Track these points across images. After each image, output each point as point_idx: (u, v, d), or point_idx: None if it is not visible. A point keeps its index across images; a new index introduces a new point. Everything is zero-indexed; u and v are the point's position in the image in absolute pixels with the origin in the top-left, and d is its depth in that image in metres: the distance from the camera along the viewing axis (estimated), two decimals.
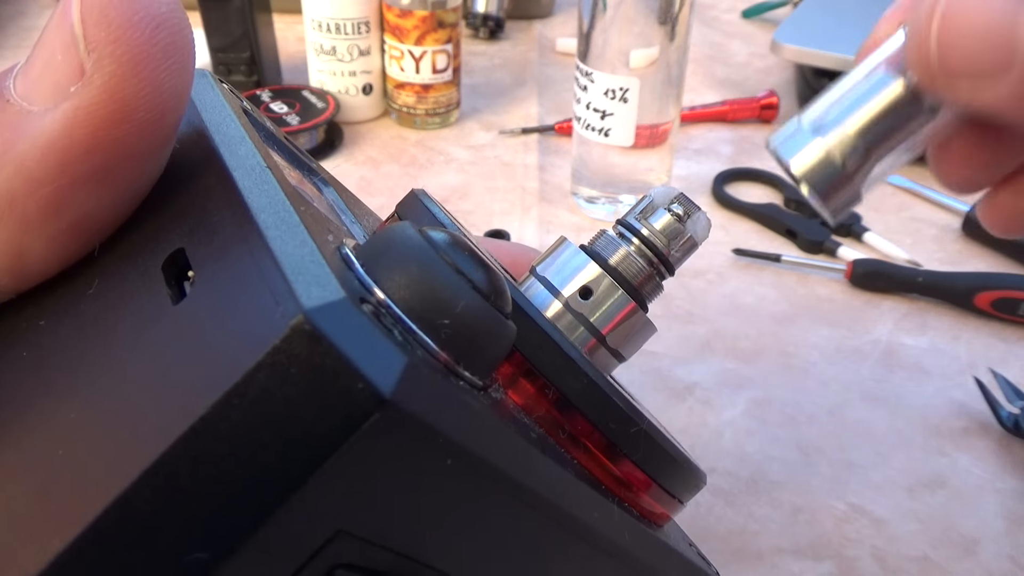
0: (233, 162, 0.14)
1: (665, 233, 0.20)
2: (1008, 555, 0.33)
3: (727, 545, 0.33)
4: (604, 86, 0.49)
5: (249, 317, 0.11)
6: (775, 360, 0.43)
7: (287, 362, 0.10)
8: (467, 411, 0.12)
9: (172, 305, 0.12)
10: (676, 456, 0.17)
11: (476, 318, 0.12)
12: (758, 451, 0.38)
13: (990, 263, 0.51)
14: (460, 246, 0.13)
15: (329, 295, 0.11)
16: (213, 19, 0.60)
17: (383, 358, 0.11)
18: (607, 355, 0.20)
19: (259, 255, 0.11)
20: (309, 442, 0.10)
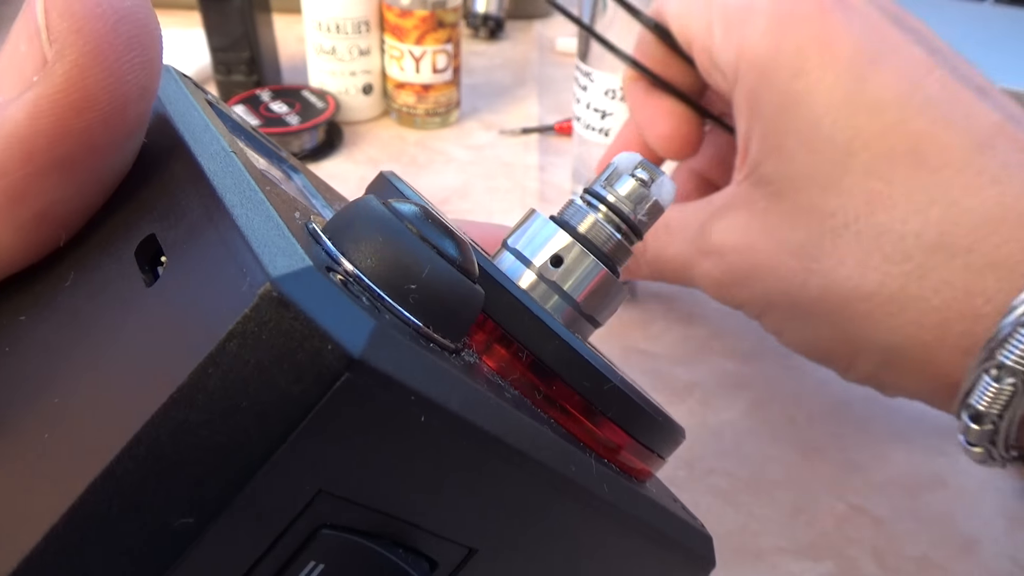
0: (198, 148, 0.14)
1: (631, 199, 0.21)
2: (1008, 555, 0.33)
3: (727, 545, 0.33)
4: (604, 86, 0.49)
5: (219, 291, 0.11)
6: (775, 360, 0.43)
7: (257, 329, 0.11)
8: (437, 368, 0.12)
9: (146, 288, 0.12)
10: (652, 412, 0.18)
11: (443, 282, 0.13)
12: (758, 451, 0.38)
13: None
14: (425, 215, 0.13)
15: (295, 264, 0.11)
16: (213, 19, 0.60)
17: (351, 321, 0.11)
18: (583, 321, 0.21)
19: (225, 232, 0.12)
20: (283, 405, 0.11)
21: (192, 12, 0.70)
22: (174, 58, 0.69)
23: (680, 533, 0.20)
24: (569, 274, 0.20)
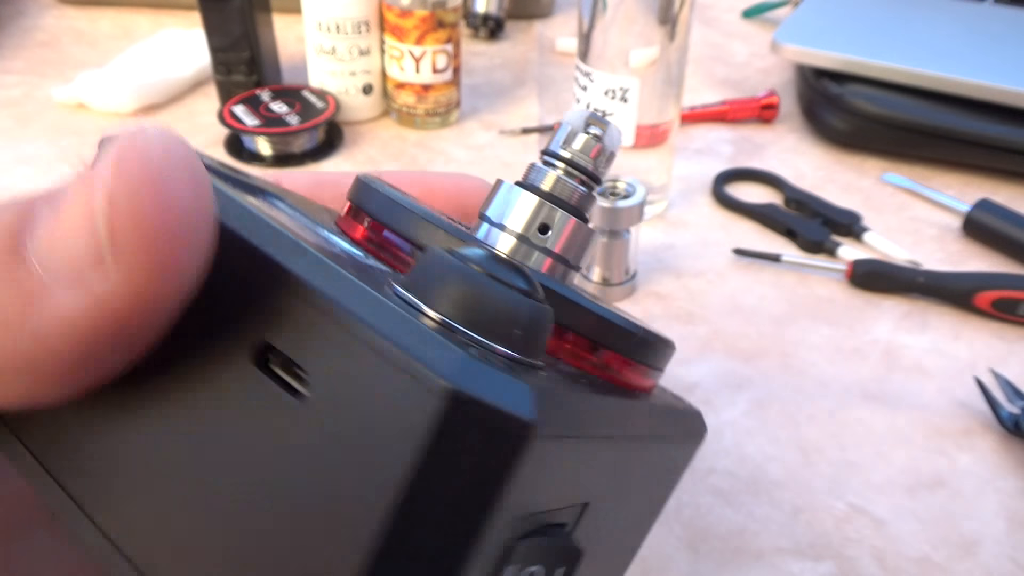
0: (270, 248, 0.14)
1: (586, 151, 0.23)
2: (1008, 555, 0.33)
3: (727, 545, 0.33)
4: (604, 86, 0.49)
5: (390, 400, 0.13)
6: (775, 360, 0.43)
7: (450, 429, 0.12)
8: (572, 401, 0.15)
9: (295, 400, 0.13)
10: (646, 335, 0.20)
11: (535, 319, 0.15)
12: (758, 451, 0.38)
13: (990, 263, 0.51)
14: (491, 257, 0.15)
15: (451, 355, 0.13)
16: (213, 19, 0.60)
17: (513, 392, 0.13)
18: (563, 268, 0.23)
19: (365, 337, 0.13)
20: (484, 486, 0.13)
21: (192, 12, 0.70)
22: (174, 58, 0.69)
23: (681, 425, 0.23)
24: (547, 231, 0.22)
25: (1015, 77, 0.58)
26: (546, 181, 0.22)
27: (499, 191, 0.23)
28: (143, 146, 0.13)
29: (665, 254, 0.51)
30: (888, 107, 0.59)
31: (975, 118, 0.58)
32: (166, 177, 0.12)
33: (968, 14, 0.70)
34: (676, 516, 0.34)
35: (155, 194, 0.12)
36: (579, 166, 0.22)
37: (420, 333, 0.13)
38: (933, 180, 0.59)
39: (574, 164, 0.22)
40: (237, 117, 0.59)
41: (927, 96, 0.59)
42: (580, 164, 0.22)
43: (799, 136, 0.65)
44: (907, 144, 0.60)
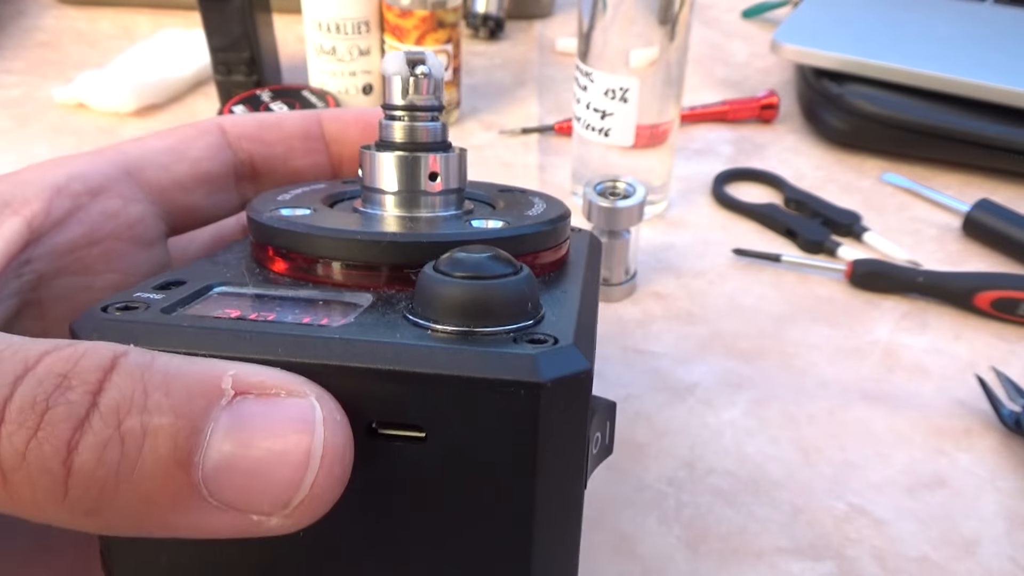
0: (327, 357, 0.17)
1: (417, 91, 0.23)
2: (1008, 555, 0.33)
3: (727, 545, 0.33)
4: (604, 86, 0.49)
5: (494, 411, 0.17)
6: (775, 360, 0.43)
7: (549, 406, 0.17)
8: (582, 322, 0.19)
9: (417, 443, 0.17)
10: (552, 224, 0.23)
11: (524, 289, 0.18)
12: (758, 451, 0.38)
13: (990, 263, 0.51)
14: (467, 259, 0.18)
15: (521, 360, 0.17)
16: (213, 19, 0.60)
17: (568, 357, 0.17)
18: (456, 197, 0.24)
19: (447, 381, 0.17)
20: (579, 419, 0.17)
21: (192, 12, 0.70)
22: (174, 58, 0.69)
23: (595, 250, 0.27)
24: (437, 176, 0.24)
25: (1015, 77, 0.58)
26: (397, 134, 0.24)
27: (366, 164, 0.24)
28: (340, 445, 0.16)
29: (665, 254, 0.51)
30: (888, 107, 0.59)
31: (975, 118, 0.58)
32: (345, 469, 0.16)
33: (968, 14, 0.70)
34: (676, 516, 0.34)
35: (336, 484, 0.16)
36: (416, 106, 0.23)
37: (478, 354, 0.16)
38: (933, 180, 0.59)
39: (411, 107, 0.23)
40: None
41: (927, 96, 0.59)
42: (416, 104, 0.23)
43: (799, 136, 0.65)
44: (907, 144, 0.60)
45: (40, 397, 0.15)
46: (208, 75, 0.67)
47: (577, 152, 0.54)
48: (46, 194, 0.22)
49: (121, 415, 0.15)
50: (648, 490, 0.35)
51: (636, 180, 0.46)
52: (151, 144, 0.26)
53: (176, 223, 0.26)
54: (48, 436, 0.14)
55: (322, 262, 0.21)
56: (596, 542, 0.33)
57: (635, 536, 0.33)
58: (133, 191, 0.25)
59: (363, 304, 0.19)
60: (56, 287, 0.23)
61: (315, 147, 0.29)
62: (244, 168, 0.28)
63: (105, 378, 0.15)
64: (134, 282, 0.24)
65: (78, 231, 0.23)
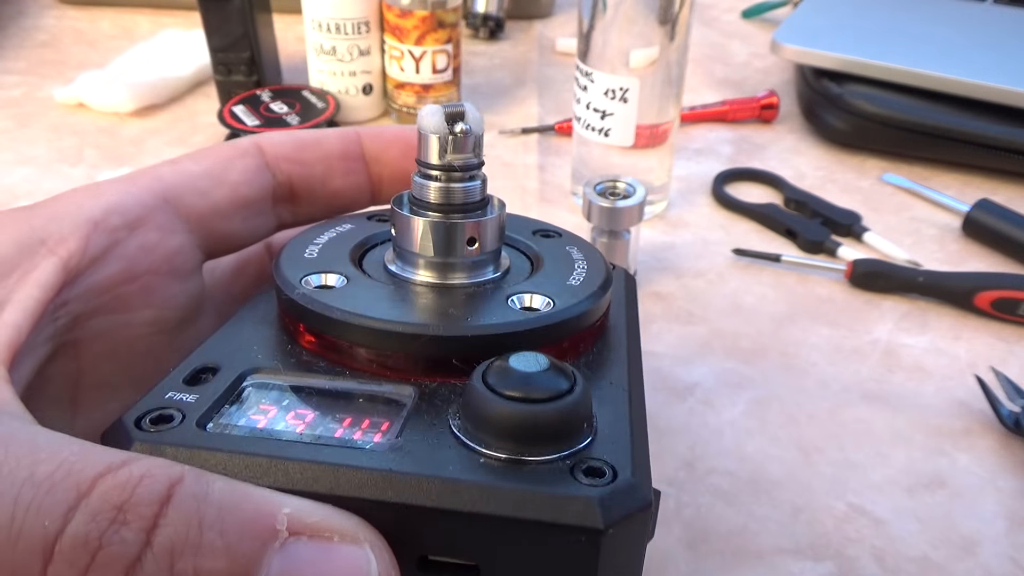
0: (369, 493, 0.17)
1: (456, 150, 0.22)
2: (1008, 555, 0.33)
3: (727, 545, 0.33)
4: (604, 86, 0.49)
5: (552, 548, 0.16)
6: (775, 360, 0.43)
7: (609, 547, 0.16)
8: (636, 438, 0.19)
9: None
10: (587, 306, 0.22)
11: (579, 406, 0.17)
12: (758, 451, 0.38)
13: (990, 263, 0.51)
14: (519, 375, 0.17)
15: (581, 503, 0.16)
16: (213, 19, 0.60)
17: (629, 494, 0.17)
18: (493, 256, 0.23)
19: (500, 515, 0.16)
20: (639, 546, 0.17)
21: (192, 12, 0.70)
22: (174, 58, 0.69)
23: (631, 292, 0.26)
24: (474, 243, 0.22)
25: (1015, 77, 0.58)
26: (435, 195, 0.22)
27: (404, 224, 0.22)
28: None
29: (665, 254, 0.51)
30: (888, 107, 0.59)
31: (975, 118, 0.58)
32: None
33: (968, 14, 0.70)
34: (676, 516, 0.34)
35: None
36: (467, 166, 0.22)
37: (534, 493, 0.16)
38: (933, 180, 0.59)
39: (459, 168, 0.22)
40: (237, 117, 0.59)
41: (927, 96, 0.59)
42: (467, 163, 0.22)
43: (799, 136, 0.65)
44: (907, 144, 0.60)
45: (94, 535, 0.14)
46: (208, 75, 0.67)
47: (577, 152, 0.54)
48: (83, 230, 0.21)
49: (175, 557, 0.14)
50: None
51: (636, 180, 0.46)
52: (188, 168, 0.25)
53: (212, 250, 0.25)
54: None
55: (358, 348, 0.20)
56: None
57: None
58: (171, 221, 0.23)
59: (406, 403, 0.19)
60: (92, 327, 0.22)
61: (354, 167, 0.27)
62: (282, 190, 0.27)
63: (160, 512, 0.14)
64: (170, 316, 0.23)
65: (115, 268, 0.22)
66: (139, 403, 0.18)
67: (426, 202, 0.22)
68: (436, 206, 0.22)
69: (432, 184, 0.22)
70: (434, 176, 0.22)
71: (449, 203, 0.22)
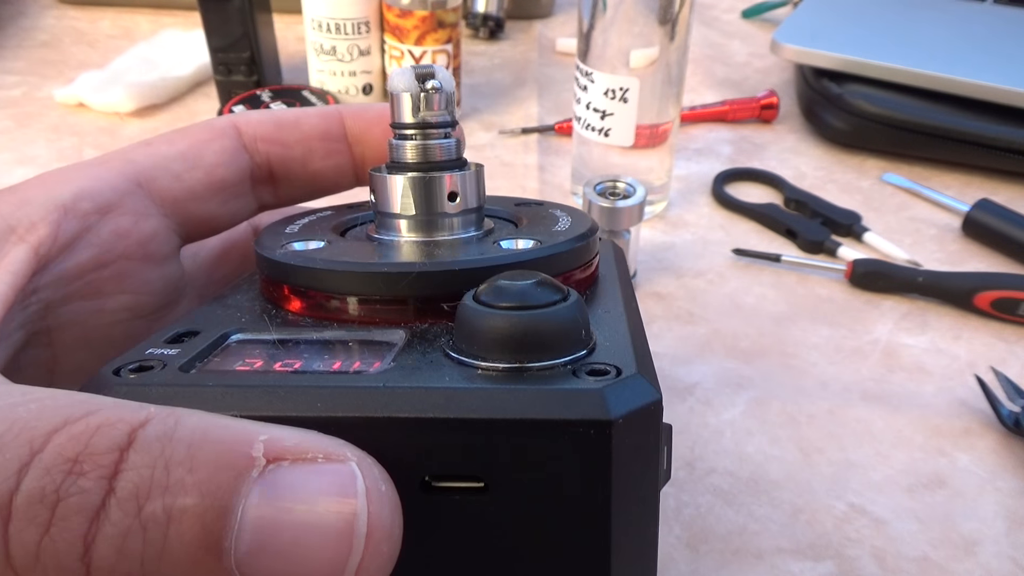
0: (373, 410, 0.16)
1: (429, 107, 0.22)
2: (1008, 555, 0.33)
3: (727, 545, 0.33)
4: (604, 86, 0.49)
5: (561, 453, 0.15)
6: (775, 360, 0.43)
7: (619, 444, 0.15)
8: (638, 344, 0.18)
9: (481, 494, 0.16)
10: (578, 243, 0.21)
11: (575, 317, 0.17)
12: (758, 451, 0.38)
13: (990, 263, 0.51)
14: (509, 288, 0.16)
15: (588, 399, 0.15)
16: (213, 19, 0.60)
17: (635, 388, 0.16)
18: (476, 216, 0.23)
19: (507, 426, 0.16)
20: (652, 447, 0.16)
21: (192, 12, 0.70)
22: (174, 58, 0.69)
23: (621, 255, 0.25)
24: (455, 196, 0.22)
25: (1015, 77, 0.58)
26: (410, 154, 0.22)
27: (382, 185, 0.22)
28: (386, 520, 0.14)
29: (665, 254, 0.51)
30: (888, 107, 0.59)
31: (975, 118, 0.58)
32: (394, 546, 0.14)
33: (968, 14, 0.70)
34: (676, 516, 0.34)
35: (385, 563, 0.14)
36: (439, 123, 0.22)
37: (550, 396, 0.15)
38: (933, 180, 0.59)
39: (432, 124, 0.22)
40: None
41: (927, 96, 0.59)
42: (438, 121, 0.22)
43: (799, 136, 0.65)
44: (907, 144, 0.60)
45: (50, 488, 0.13)
46: (208, 75, 0.67)
47: (577, 152, 0.54)
48: (53, 216, 0.20)
49: (141, 500, 0.13)
50: None
51: (636, 180, 0.46)
52: (162, 150, 0.24)
53: (190, 233, 0.25)
54: (62, 532, 0.13)
55: (346, 299, 0.19)
56: None
57: None
58: (145, 205, 0.23)
59: (397, 343, 0.18)
60: (65, 313, 0.21)
61: (336, 148, 0.27)
62: (261, 172, 0.26)
63: (121, 458, 0.13)
64: (147, 301, 0.23)
65: (87, 254, 0.21)
66: (118, 358, 0.17)
67: (404, 162, 0.22)
68: (414, 164, 0.22)
69: (408, 143, 0.22)
70: (409, 135, 0.22)
71: (427, 160, 0.22)
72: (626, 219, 0.45)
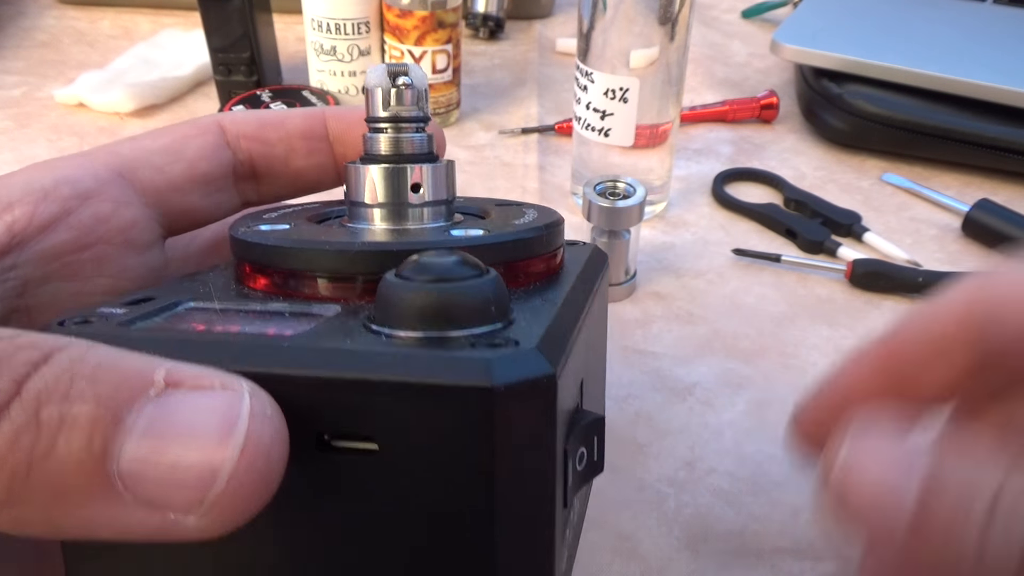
0: (278, 364, 0.16)
1: (400, 102, 0.23)
2: None
3: (727, 545, 0.33)
4: (604, 86, 0.49)
5: (445, 419, 0.16)
6: (775, 360, 0.43)
7: (505, 413, 0.15)
8: (555, 328, 0.18)
9: (370, 456, 0.16)
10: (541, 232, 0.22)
11: (490, 290, 0.17)
12: (758, 451, 0.38)
13: (990, 263, 0.51)
14: (428, 264, 0.17)
15: (474, 364, 0.15)
16: (213, 19, 0.60)
17: (528, 360, 0.16)
18: (445, 209, 0.24)
19: (398, 386, 0.16)
20: (545, 427, 0.16)
21: (192, 12, 0.70)
22: (174, 58, 0.69)
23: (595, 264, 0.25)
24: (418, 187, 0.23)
25: (1015, 77, 0.58)
26: (383, 146, 0.23)
27: (354, 175, 0.23)
28: (265, 440, 0.15)
29: (665, 254, 0.51)
30: (888, 107, 0.59)
31: (975, 118, 0.58)
32: (271, 467, 0.15)
33: (968, 14, 0.70)
34: (676, 516, 0.34)
35: (259, 482, 0.15)
36: (410, 118, 0.23)
37: (442, 360, 0.15)
38: (933, 180, 0.59)
39: (403, 118, 0.23)
40: None
41: (927, 96, 0.59)
42: (409, 116, 0.23)
43: (799, 136, 0.65)
44: (907, 144, 0.60)
45: None
46: (208, 75, 0.67)
47: (577, 152, 0.54)
48: (31, 198, 0.22)
49: (41, 403, 0.14)
50: (648, 490, 0.35)
51: (636, 180, 0.46)
52: (146, 144, 0.25)
53: (173, 225, 0.26)
54: None
55: (295, 276, 0.20)
56: (596, 542, 0.33)
57: (635, 536, 0.33)
58: (126, 194, 0.24)
59: (328, 315, 0.19)
60: (44, 293, 0.22)
61: (318, 147, 0.28)
62: (243, 168, 0.27)
63: (35, 369, 0.14)
64: (126, 287, 0.24)
65: (66, 236, 0.22)
66: (68, 311, 0.18)
67: (375, 154, 0.23)
68: (384, 156, 0.23)
69: (380, 136, 0.23)
70: (381, 128, 0.23)
71: (397, 152, 0.23)
72: (626, 219, 0.45)
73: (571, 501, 0.18)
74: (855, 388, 0.27)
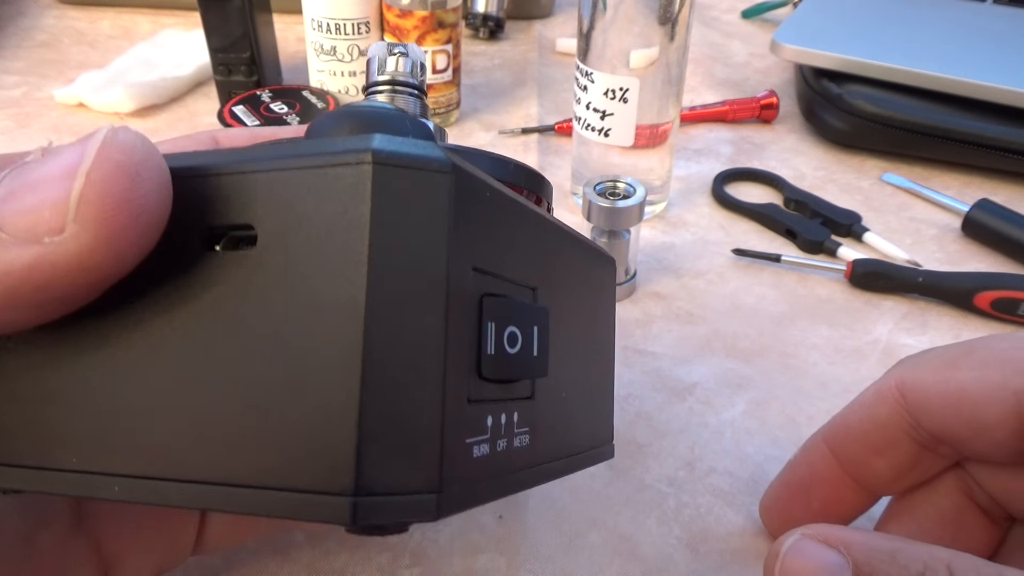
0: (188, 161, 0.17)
1: (397, 68, 0.24)
2: None
3: (727, 545, 0.33)
4: (604, 86, 0.49)
5: (328, 196, 0.15)
6: (775, 360, 0.43)
7: (388, 186, 0.15)
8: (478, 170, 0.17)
9: (252, 249, 0.16)
10: (519, 165, 0.23)
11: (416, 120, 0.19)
12: (758, 451, 0.38)
13: (990, 263, 0.51)
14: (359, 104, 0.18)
15: (361, 140, 0.15)
16: (213, 19, 0.60)
17: (423, 147, 0.15)
18: None
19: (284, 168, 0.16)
20: (436, 218, 0.15)
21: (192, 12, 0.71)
22: (174, 58, 0.69)
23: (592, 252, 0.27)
24: None
25: (1015, 77, 0.58)
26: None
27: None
28: (124, 141, 0.15)
29: (665, 254, 0.51)
30: (888, 107, 0.59)
31: (975, 118, 0.58)
32: (139, 172, 0.15)
33: (968, 14, 0.70)
34: (676, 516, 0.34)
35: (128, 183, 0.15)
36: (403, 82, 0.24)
37: (325, 144, 0.15)
38: (933, 180, 0.59)
39: (398, 82, 0.24)
40: (237, 117, 0.59)
41: (927, 96, 0.59)
42: (403, 80, 0.24)
43: (799, 136, 0.65)
44: (907, 144, 0.60)
45: None
46: (208, 75, 0.67)
47: (577, 152, 0.54)
48: None
49: None
50: (648, 490, 0.35)
51: (636, 180, 0.46)
52: None
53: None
54: None
55: None
56: (596, 542, 0.33)
57: (635, 536, 0.33)
58: None
59: None
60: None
61: None
62: None
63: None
64: None
65: None
66: None
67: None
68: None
69: (376, 98, 0.24)
70: (378, 91, 0.24)
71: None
72: (626, 219, 0.45)
73: (494, 375, 0.17)
74: (813, 476, 0.30)
